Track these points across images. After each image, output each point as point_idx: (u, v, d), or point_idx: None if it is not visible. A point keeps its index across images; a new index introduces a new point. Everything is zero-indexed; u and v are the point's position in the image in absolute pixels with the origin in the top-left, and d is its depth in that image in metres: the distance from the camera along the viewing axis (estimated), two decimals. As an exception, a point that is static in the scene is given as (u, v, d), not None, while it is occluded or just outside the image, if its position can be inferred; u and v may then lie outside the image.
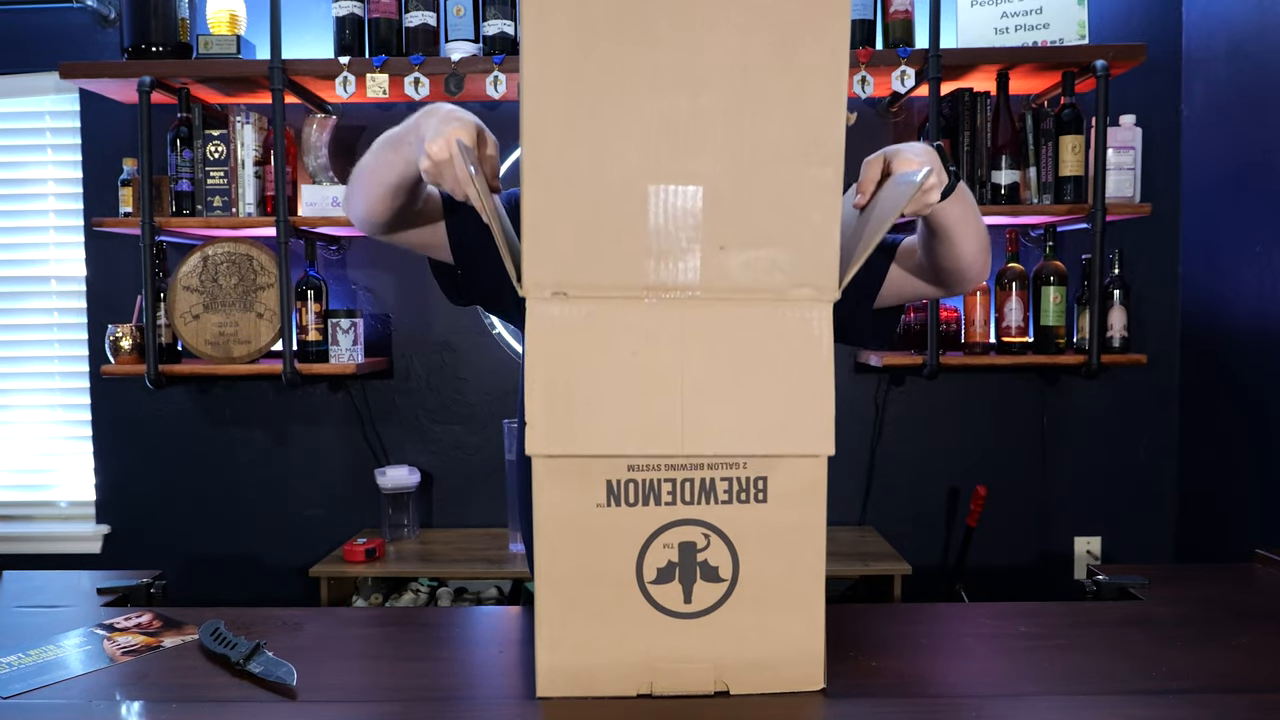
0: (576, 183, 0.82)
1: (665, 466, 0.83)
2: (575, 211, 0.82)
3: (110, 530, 2.59)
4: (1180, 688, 0.86)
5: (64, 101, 2.55)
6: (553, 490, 0.84)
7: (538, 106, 0.83)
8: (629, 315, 0.81)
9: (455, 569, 2.22)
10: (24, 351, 2.63)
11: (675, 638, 0.84)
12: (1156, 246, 2.50)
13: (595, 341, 0.81)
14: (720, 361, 0.81)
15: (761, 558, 0.82)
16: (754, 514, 0.81)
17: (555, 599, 0.85)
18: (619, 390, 0.81)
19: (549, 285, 0.82)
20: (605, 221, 0.81)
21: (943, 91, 2.22)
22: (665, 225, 0.80)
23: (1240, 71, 2.25)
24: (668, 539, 0.83)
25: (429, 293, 2.55)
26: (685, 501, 0.83)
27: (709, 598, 0.83)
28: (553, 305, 0.81)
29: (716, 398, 0.81)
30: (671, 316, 0.81)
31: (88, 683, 0.90)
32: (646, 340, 0.81)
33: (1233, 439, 2.31)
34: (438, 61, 2.23)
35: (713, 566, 0.83)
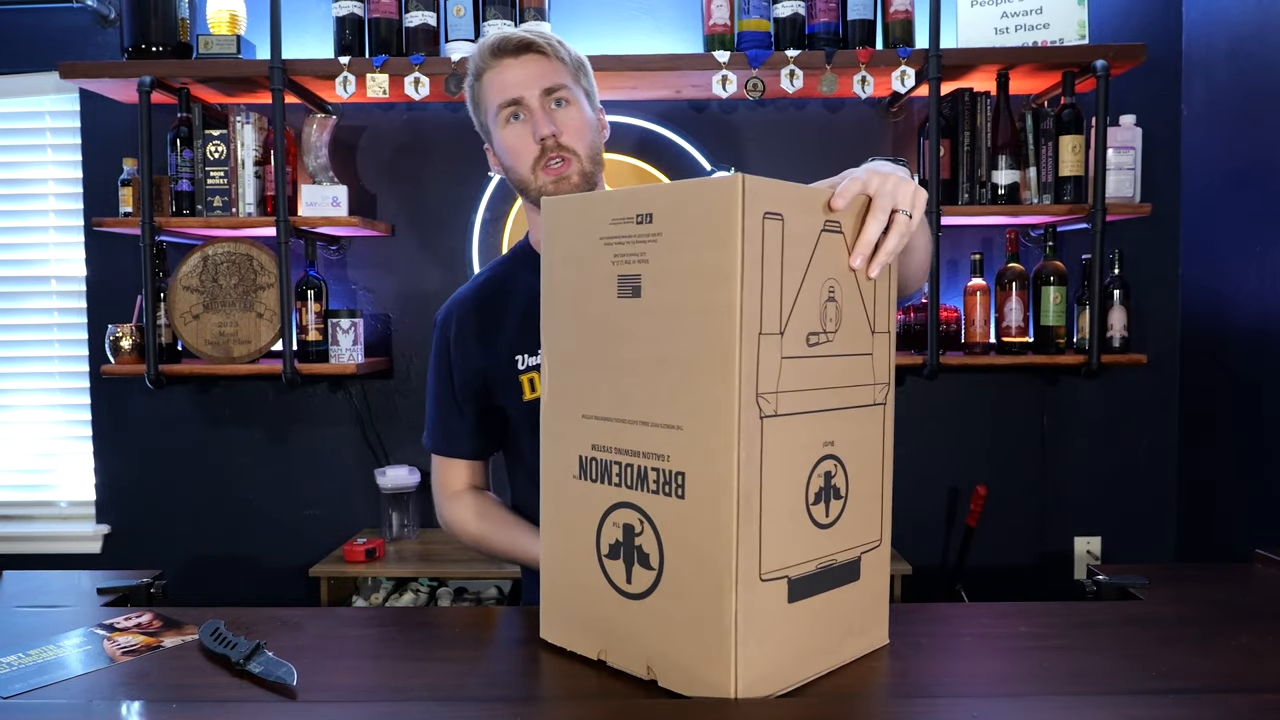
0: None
1: (616, 450, 0.85)
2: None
3: (110, 530, 2.59)
4: (1180, 688, 0.86)
5: (64, 101, 2.55)
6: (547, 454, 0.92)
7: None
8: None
9: (455, 569, 2.22)
10: (24, 351, 2.63)
11: (622, 613, 0.86)
12: (1156, 246, 2.50)
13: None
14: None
15: (680, 553, 0.82)
16: (674, 507, 0.81)
17: (551, 552, 0.93)
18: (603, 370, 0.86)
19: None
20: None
21: (943, 91, 2.22)
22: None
23: (1240, 71, 2.25)
24: (615, 518, 0.86)
25: (429, 293, 2.55)
26: (628, 485, 0.84)
27: (643, 582, 0.84)
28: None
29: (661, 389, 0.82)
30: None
31: (88, 683, 0.90)
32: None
33: (1233, 439, 2.31)
34: (438, 61, 2.23)
35: (645, 553, 0.83)
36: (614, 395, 0.85)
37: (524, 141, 1.24)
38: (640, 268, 0.82)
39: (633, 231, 0.82)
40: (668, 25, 2.47)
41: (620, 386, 0.84)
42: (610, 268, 0.84)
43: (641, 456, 0.83)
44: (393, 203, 2.54)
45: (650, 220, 0.81)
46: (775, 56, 2.20)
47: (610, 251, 0.84)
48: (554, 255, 0.91)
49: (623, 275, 0.83)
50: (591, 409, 0.87)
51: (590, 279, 0.86)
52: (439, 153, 2.52)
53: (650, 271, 0.81)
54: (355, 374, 2.39)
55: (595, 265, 0.85)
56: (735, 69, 2.21)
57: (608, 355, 0.86)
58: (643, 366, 0.82)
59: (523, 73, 1.24)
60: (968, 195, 2.26)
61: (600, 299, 0.85)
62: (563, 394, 0.91)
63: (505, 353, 1.27)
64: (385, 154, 2.53)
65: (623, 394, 0.84)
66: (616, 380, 0.85)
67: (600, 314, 0.86)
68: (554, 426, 0.91)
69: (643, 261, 0.82)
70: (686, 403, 0.79)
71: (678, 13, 2.46)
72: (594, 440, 0.87)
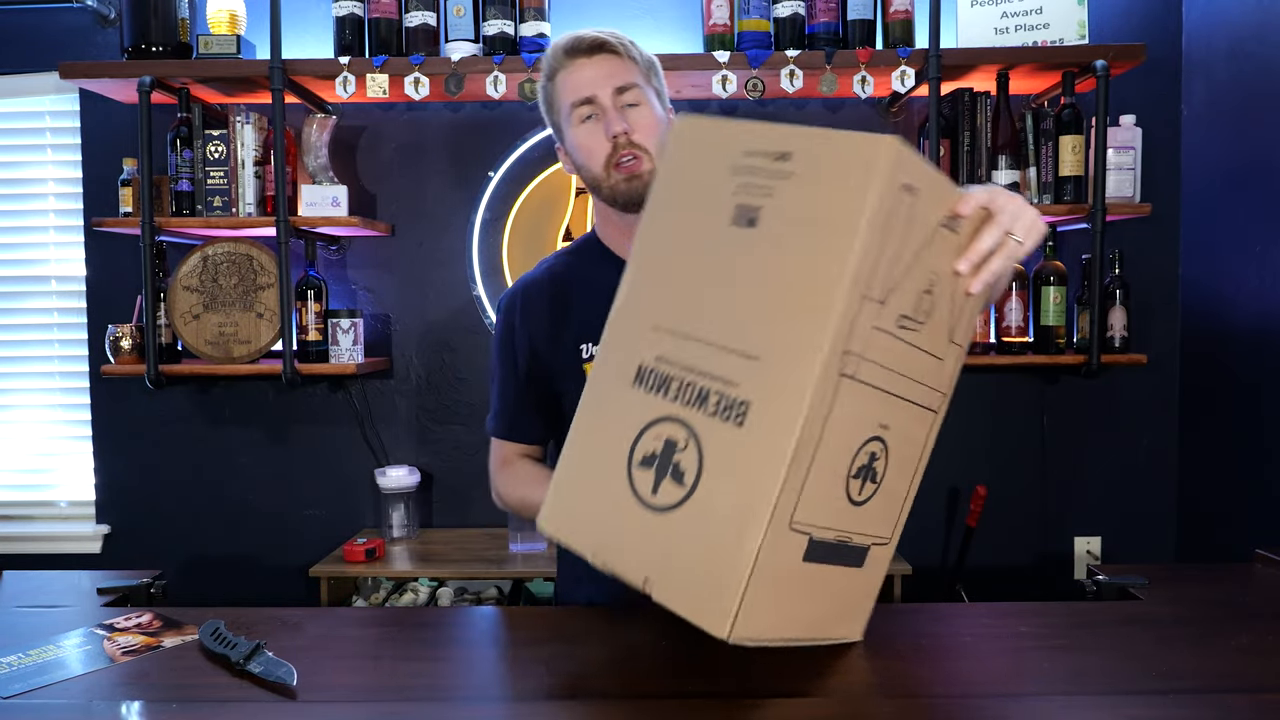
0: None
1: (681, 366, 0.85)
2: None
3: (110, 530, 2.59)
4: (1180, 688, 0.86)
5: (64, 101, 2.55)
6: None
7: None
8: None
9: (455, 569, 2.22)
10: (24, 351, 2.63)
11: (636, 522, 0.85)
12: (1156, 246, 2.50)
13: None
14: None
15: (720, 479, 0.81)
16: (728, 434, 0.81)
17: (578, 450, 0.92)
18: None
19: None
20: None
21: (943, 91, 2.22)
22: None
23: (1240, 71, 2.25)
24: (659, 431, 0.85)
25: (429, 293, 2.55)
26: (684, 403, 0.84)
27: (670, 498, 0.83)
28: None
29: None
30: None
31: (88, 683, 0.90)
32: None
33: (1233, 439, 2.31)
34: (438, 61, 2.23)
35: (681, 470, 0.83)
36: (695, 314, 0.85)
37: (596, 139, 1.25)
38: (764, 200, 0.82)
39: (766, 166, 0.83)
40: (668, 25, 2.47)
41: (705, 307, 0.84)
42: (730, 195, 0.85)
43: (708, 378, 0.83)
44: (393, 203, 2.54)
45: (788, 159, 0.81)
46: (775, 56, 2.20)
47: (735, 180, 0.85)
48: (671, 171, 0.92)
49: (741, 204, 0.84)
50: (667, 322, 0.87)
51: (705, 201, 0.86)
52: (439, 153, 2.52)
53: (773, 206, 0.82)
54: (355, 374, 2.39)
55: (715, 190, 0.86)
56: (735, 69, 2.21)
57: (702, 275, 0.86)
58: (737, 293, 0.82)
59: (595, 72, 1.25)
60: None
61: (710, 222, 0.86)
62: (639, 302, 0.91)
63: (570, 341, 1.28)
64: (385, 154, 2.53)
65: (706, 315, 0.84)
66: (703, 300, 0.85)
67: (705, 236, 0.86)
68: (619, 332, 0.91)
69: (767, 195, 0.82)
70: (772, 337, 0.79)
71: (678, 13, 2.46)
72: (660, 352, 0.86)
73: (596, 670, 0.93)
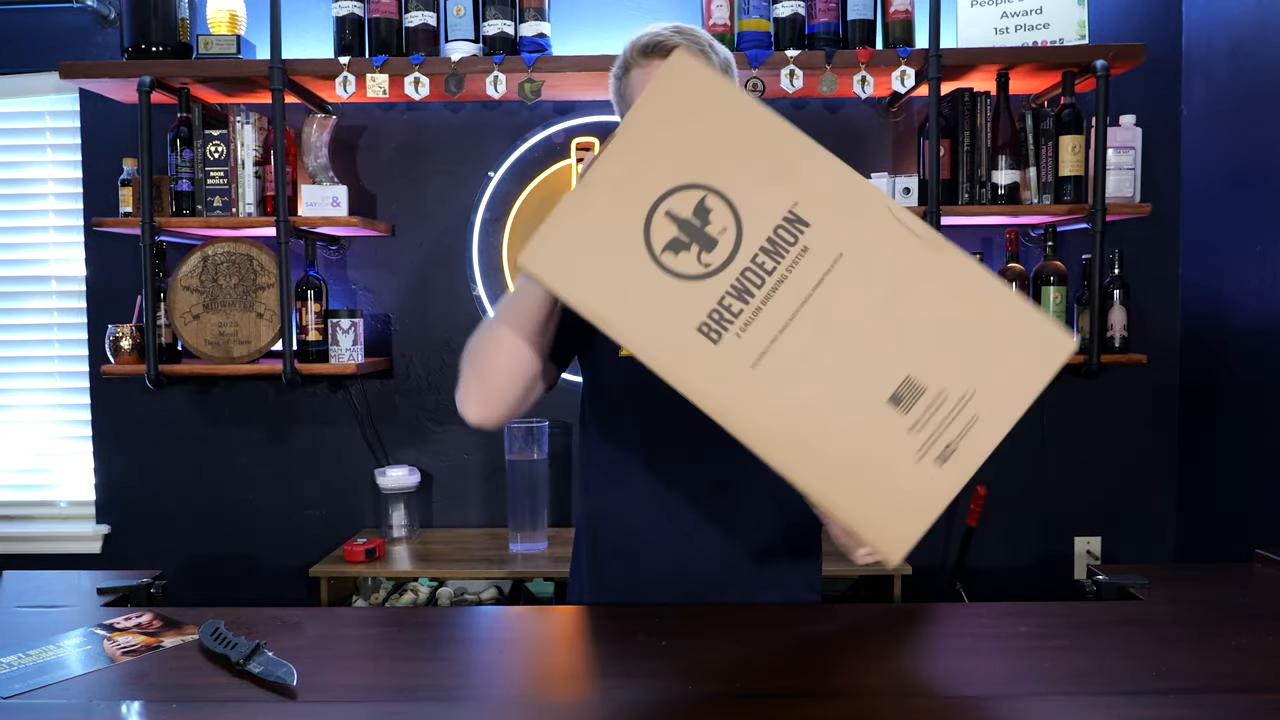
0: None
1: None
2: None
3: (110, 530, 2.59)
4: (1180, 688, 0.86)
5: (64, 101, 2.55)
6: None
7: None
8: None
9: (455, 569, 2.22)
10: (24, 351, 2.63)
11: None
12: (1156, 246, 2.50)
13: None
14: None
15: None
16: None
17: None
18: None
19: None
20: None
21: (943, 91, 2.22)
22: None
23: (1240, 71, 2.25)
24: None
25: (429, 293, 2.55)
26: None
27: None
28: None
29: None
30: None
31: (88, 683, 0.90)
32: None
33: (1233, 439, 2.31)
34: (438, 61, 2.23)
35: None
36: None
37: None
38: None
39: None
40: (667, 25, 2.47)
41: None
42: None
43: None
44: (393, 203, 2.54)
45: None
46: (775, 56, 2.20)
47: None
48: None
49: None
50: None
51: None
52: (439, 153, 2.52)
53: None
54: (355, 374, 2.39)
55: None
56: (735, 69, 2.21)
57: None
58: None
59: None
60: (968, 195, 2.26)
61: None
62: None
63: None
64: (385, 154, 2.53)
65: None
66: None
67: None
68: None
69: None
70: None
71: (678, 13, 2.46)
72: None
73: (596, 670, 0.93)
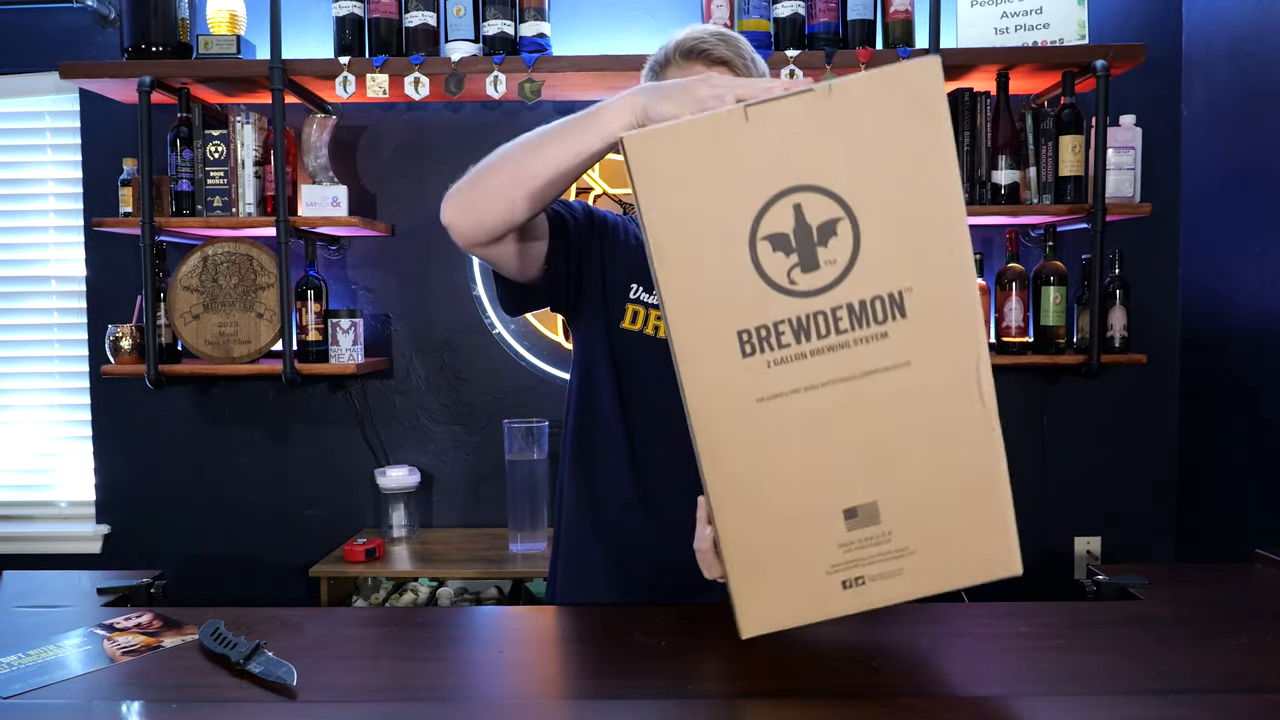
0: None
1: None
2: None
3: (110, 530, 2.59)
4: (1180, 688, 0.86)
5: (64, 101, 2.55)
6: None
7: None
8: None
9: (455, 569, 2.22)
10: (24, 351, 2.63)
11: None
12: (1156, 246, 2.50)
13: None
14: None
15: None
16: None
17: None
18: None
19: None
20: None
21: (943, 91, 2.22)
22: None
23: (1240, 71, 2.25)
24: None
25: (429, 293, 2.55)
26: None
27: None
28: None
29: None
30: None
31: (88, 683, 0.90)
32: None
33: (1232, 439, 2.31)
34: (438, 61, 2.23)
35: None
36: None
37: None
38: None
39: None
40: (668, 25, 2.47)
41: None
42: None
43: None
44: (393, 203, 2.54)
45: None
46: (775, 56, 2.20)
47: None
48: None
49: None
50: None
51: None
52: (439, 153, 2.52)
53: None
54: (355, 374, 2.39)
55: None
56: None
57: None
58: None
59: None
60: (968, 195, 2.26)
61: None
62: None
63: (622, 274, 1.25)
64: (385, 154, 2.53)
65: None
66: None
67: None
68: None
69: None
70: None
71: (678, 13, 2.46)
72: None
73: (596, 670, 0.93)
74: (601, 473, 1.27)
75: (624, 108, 0.96)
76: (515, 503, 2.32)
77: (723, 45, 1.23)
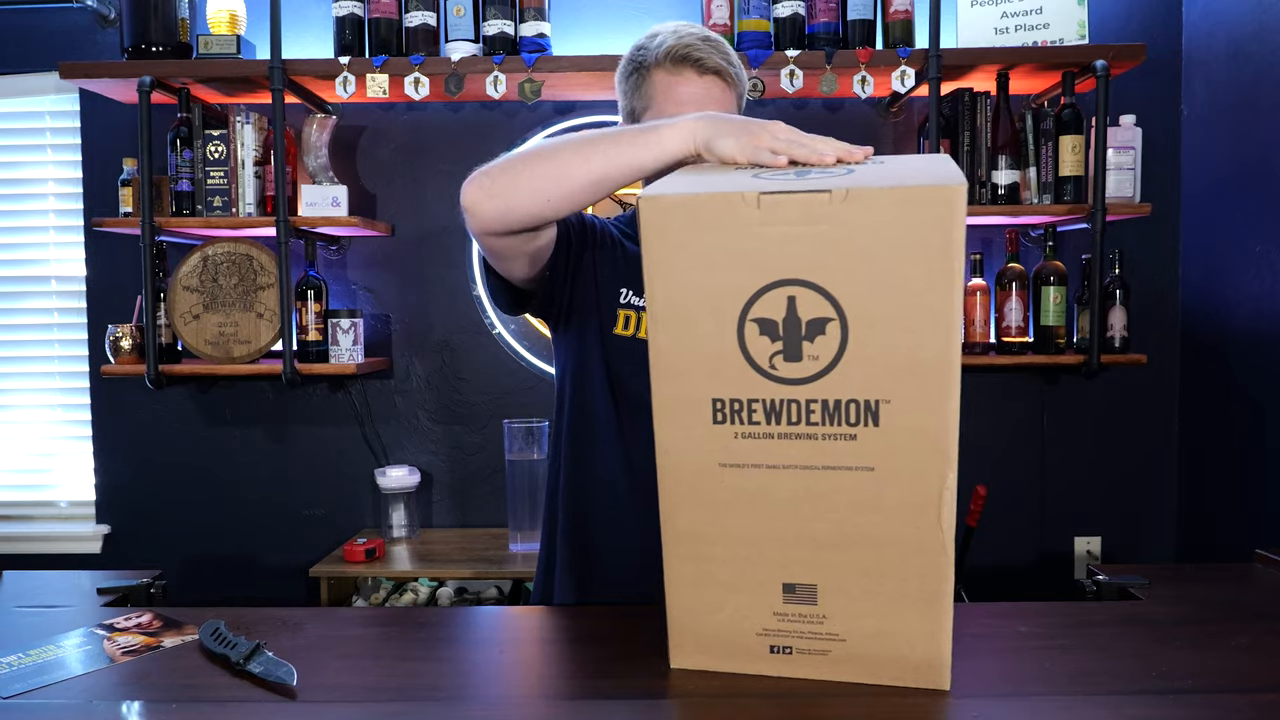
0: None
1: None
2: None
3: (110, 530, 2.59)
4: (1180, 688, 0.86)
5: (64, 101, 2.55)
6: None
7: None
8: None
9: (455, 569, 2.22)
10: (24, 351, 2.63)
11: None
12: (1156, 246, 2.50)
13: None
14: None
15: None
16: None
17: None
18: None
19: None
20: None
21: (943, 91, 2.22)
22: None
23: (1240, 71, 2.25)
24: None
25: (429, 293, 2.55)
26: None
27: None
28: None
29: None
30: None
31: (88, 683, 0.90)
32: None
33: (1233, 439, 2.31)
34: (438, 61, 2.23)
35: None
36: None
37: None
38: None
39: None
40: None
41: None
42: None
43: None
44: (393, 203, 2.54)
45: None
46: (775, 56, 2.20)
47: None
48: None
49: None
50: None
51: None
52: (439, 153, 2.52)
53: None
54: (355, 374, 2.39)
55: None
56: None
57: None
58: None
59: (705, 94, 1.21)
60: (968, 195, 2.26)
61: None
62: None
63: (613, 280, 1.24)
64: (385, 154, 2.53)
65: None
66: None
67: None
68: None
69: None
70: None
71: (677, 13, 2.46)
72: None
73: (596, 670, 0.93)
74: (596, 478, 1.26)
75: (685, 133, 0.96)
76: (515, 503, 2.32)
77: (715, 54, 1.22)
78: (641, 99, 1.26)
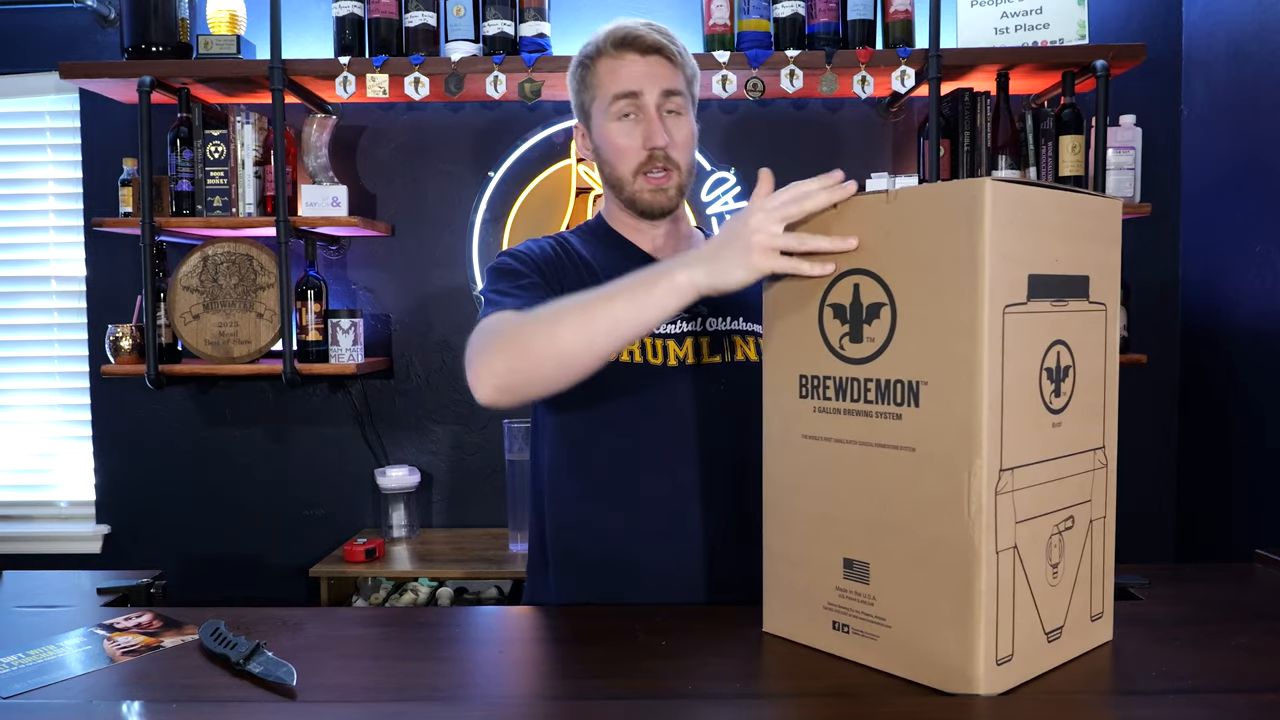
0: None
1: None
2: None
3: (110, 530, 2.59)
4: (1180, 688, 0.86)
5: (64, 101, 2.55)
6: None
7: None
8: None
9: (455, 569, 2.22)
10: (24, 351, 2.63)
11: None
12: (1156, 246, 2.50)
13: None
14: None
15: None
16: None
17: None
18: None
19: None
20: None
21: (943, 92, 2.22)
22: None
23: (1240, 71, 2.25)
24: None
25: (429, 293, 2.55)
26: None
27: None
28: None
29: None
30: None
31: (88, 683, 0.90)
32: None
33: (1233, 439, 2.31)
34: (438, 61, 2.23)
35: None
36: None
37: (632, 141, 1.22)
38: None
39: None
40: (667, 25, 2.46)
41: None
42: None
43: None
44: (393, 203, 2.54)
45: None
46: (775, 56, 2.20)
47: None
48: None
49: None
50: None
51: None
52: (439, 153, 2.52)
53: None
54: (355, 374, 2.39)
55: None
56: (735, 69, 2.21)
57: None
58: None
59: (646, 70, 1.22)
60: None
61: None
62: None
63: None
64: (385, 154, 2.53)
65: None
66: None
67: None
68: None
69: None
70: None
71: (677, 13, 2.46)
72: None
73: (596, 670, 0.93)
74: (576, 478, 1.24)
75: (686, 287, 0.94)
76: (515, 503, 2.32)
77: (655, 33, 1.24)
78: (589, 90, 1.27)
